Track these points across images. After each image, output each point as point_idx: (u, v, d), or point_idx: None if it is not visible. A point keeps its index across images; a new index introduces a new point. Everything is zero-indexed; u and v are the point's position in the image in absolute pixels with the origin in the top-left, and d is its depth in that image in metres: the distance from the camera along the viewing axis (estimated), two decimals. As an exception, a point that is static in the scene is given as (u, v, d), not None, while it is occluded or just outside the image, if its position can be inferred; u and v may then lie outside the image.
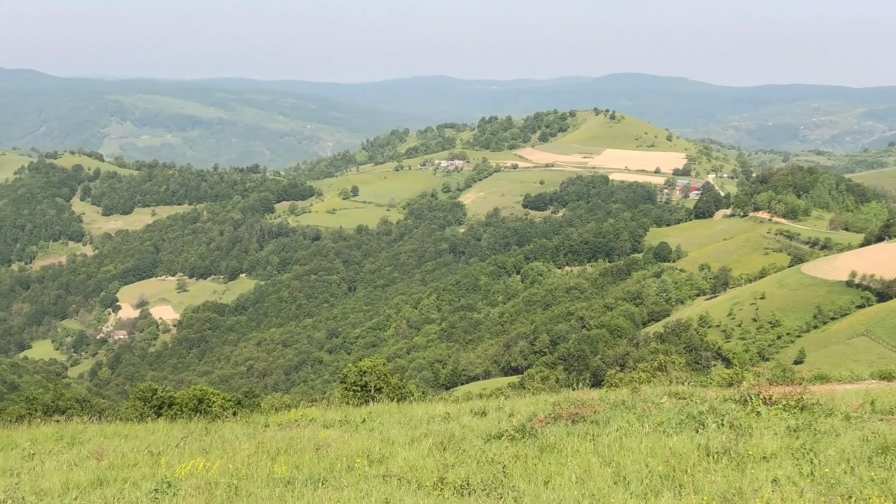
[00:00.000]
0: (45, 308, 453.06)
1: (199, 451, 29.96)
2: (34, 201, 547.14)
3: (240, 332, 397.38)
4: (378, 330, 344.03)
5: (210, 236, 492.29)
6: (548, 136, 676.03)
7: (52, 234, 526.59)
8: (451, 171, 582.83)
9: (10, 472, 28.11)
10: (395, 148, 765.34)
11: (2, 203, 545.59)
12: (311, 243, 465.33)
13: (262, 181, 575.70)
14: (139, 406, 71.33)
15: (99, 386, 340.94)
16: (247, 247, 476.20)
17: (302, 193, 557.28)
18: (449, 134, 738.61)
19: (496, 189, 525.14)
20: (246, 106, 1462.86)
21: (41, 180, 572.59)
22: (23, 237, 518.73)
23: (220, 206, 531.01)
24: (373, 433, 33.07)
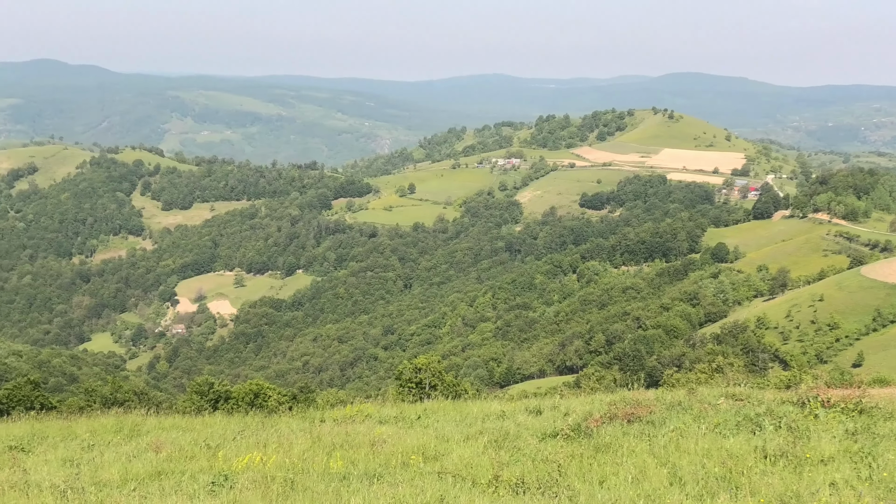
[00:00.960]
0: (105, 301, 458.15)
1: (256, 444, 30.15)
2: (95, 195, 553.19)
3: (296, 327, 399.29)
4: (433, 327, 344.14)
5: (268, 232, 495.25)
6: (605, 135, 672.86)
7: (113, 229, 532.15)
8: (508, 170, 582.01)
9: (70, 462, 28.47)
10: (452, 146, 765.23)
11: (64, 197, 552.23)
12: (367, 240, 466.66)
13: (319, 178, 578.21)
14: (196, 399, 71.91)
15: (156, 379, 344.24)
16: (304, 243, 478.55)
17: (359, 190, 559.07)
18: (506, 132, 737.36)
19: (553, 188, 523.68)
20: (305, 103, 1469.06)
21: (102, 175, 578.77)
22: (84, 231, 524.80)
23: (277, 203, 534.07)
24: (428, 430, 33.07)
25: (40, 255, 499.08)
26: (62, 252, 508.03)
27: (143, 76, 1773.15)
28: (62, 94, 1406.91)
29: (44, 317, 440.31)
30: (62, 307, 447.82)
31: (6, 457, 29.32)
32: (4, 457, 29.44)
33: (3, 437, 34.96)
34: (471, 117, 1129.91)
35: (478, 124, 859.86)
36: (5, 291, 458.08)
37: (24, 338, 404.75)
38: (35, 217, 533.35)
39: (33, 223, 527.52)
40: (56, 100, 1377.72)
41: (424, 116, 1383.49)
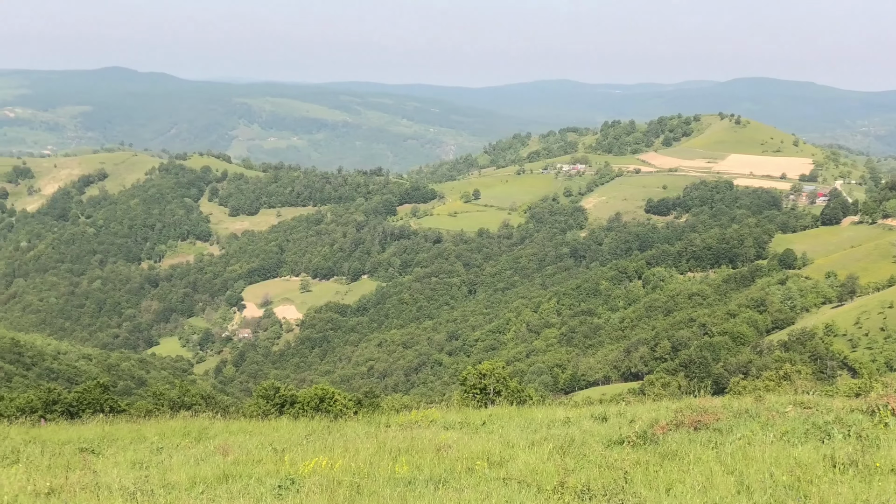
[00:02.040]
0: (173, 306, 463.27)
1: (322, 449, 30.31)
2: (164, 201, 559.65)
3: (361, 332, 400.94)
4: (498, 333, 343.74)
5: (333, 238, 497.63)
6: (671, 140, 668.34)
7: (181, 234, 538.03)
8: (573, 175, 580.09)
9: (139, 464, 28.83)
10: (517, 151, 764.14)
11: (133, 203, 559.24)
12: (432, 246, 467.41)
13: (384, 184, 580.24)
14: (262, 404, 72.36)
15: (223, 383, 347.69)
16: (369, 248, 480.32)
17: (424, 196, 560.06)
18: (571, 138, 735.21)
19: (618, 193, 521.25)
20: (370, 109, 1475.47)
21: (171, 181, 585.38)
22: (153, 236, 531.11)
23: (343, 208, 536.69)
24: (493, 436, 33.07)
25: (110, 260, 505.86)
26: (131, 257, 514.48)
27: (211, 83, 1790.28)
28: (132, 102, 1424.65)
29: (113, 321, 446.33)
30: (131, 311, 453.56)
31: (77, 458, 29.76)
32: (75, 458, 29.89)
33: (74, 439, 35.49)
34: (536, 123, 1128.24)
35: (543, 130, 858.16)
36: (76, 296, 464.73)
37: (93, 342, 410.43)
38: (105, 222, 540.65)
39: (103, 228, 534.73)
40: (126, 107, 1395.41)
41: (489, 122, 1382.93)
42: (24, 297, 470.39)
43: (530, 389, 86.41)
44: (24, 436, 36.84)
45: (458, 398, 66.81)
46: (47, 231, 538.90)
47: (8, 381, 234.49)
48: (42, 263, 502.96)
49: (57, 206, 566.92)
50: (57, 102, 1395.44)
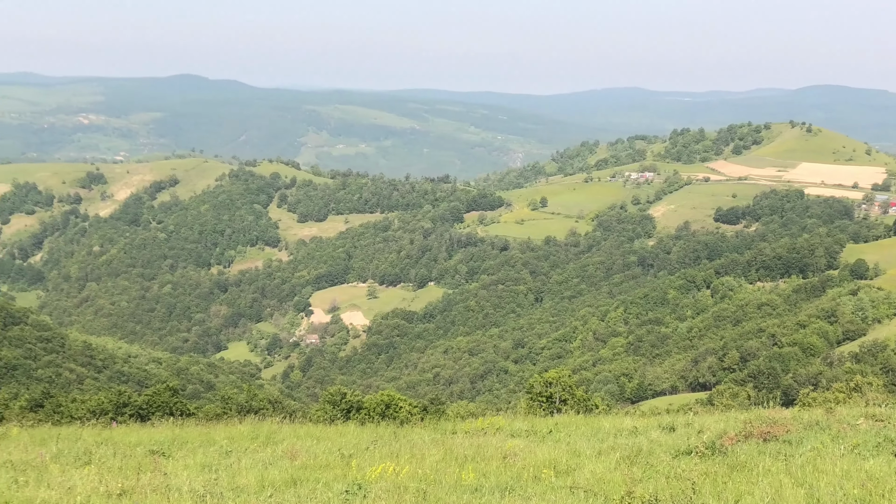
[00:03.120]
0: (242, 311, 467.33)
1: (389, 454, 30.45)
2: (233, 207, 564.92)
3: (427, 339, 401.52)
4: (564, 341, 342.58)
5: (400, 244, 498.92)
6: (741, 148, 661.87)
7: (250, 240, 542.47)
8: (641, 184, 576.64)
9: (208, 467, 29.14)
10: (584, 159, 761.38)
11: (204, 208, 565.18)
12: (498, 253, 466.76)
13: (452, 191, 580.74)
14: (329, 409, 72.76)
15: (290, 388, 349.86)
16: (436, 255, 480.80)
17: (491, 204, 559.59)
18: (639, 146, 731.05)
19: (687, 202, 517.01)
20: (438, 116, 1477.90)
21: (241, 187, 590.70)
22: (222, 242, 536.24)
23: (410, 215, 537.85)
24: (559, 444, 33.01)
25: (180, 265, 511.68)
26: (201, 262, 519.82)
27: (280, 91, 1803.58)
28: (203, 109, 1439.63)
29: (183, 325, 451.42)
30: (200, 316, 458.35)
31: (148, 461, 30.16)
32: (146, 460, 30.29)
33: (144, 442, 35.97)
34: (604, 131, 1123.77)
35: (611, 138, 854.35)
36: (146, 300, 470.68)
37: (163, 345, 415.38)
38: (176, 228, 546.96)
39: (174, 234, 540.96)
40: (197, 114, 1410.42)
41: (557, 130, 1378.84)
42: (96, 301, 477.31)
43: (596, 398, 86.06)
44: (96, 437, 37.40)
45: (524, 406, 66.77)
46: (119, 236, 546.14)
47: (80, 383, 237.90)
48: (114, 268, 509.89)
49: (129, 212, 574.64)
50: (130, 109, 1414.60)
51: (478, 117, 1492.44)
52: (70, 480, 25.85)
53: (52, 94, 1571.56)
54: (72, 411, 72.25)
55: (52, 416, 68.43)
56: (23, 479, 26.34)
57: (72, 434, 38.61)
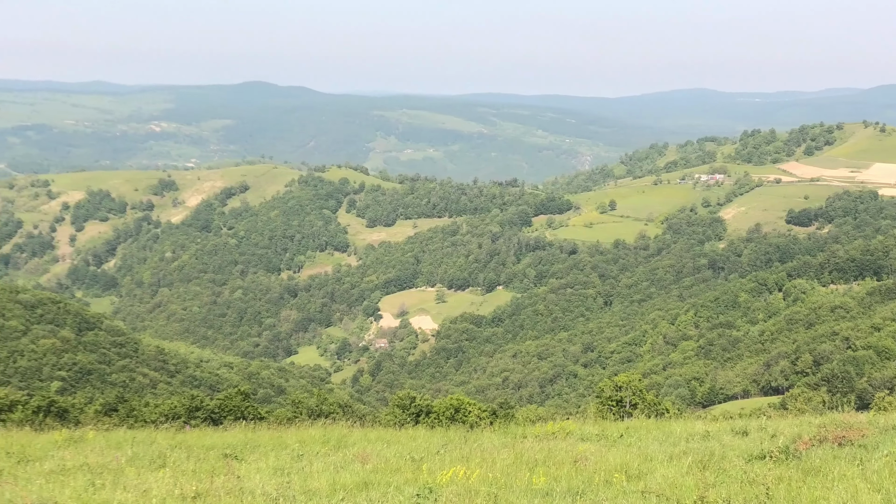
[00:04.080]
0: (312, 315, 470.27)
1: (459, 458, 30.46)
2: (303, 213, 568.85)
3: (496, 343, 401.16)
4: (634, 345, 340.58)
5: (469, 248, 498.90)
6: (813, 149, 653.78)
7: (319, 245, 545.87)
8: (711, 186, 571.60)
9: (281, 471, 29.38)
10: (653, 162, 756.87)
11: (273, 214, 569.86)
12: (567, 257, 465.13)
13: (520, 195, 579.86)
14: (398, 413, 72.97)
15: (360, 392, 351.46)
16: (504, 259, 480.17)
17: (559, 207, 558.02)
18: (709, 147, 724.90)
19: (758, 204, 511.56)
20: (506, 120, 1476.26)
21: (310, 193, 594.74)
22: (292, 247, 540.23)
23: (478, 219, 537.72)
24: (630, 448, 32.83)
25: (251, 271, 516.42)
26: (271, 267, 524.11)
27: (349, 96, 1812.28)
28: (272, 115, 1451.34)
29: (253, 330, 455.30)
30: (271, 321, 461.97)
31: (221, 464, 30.45)
32: (219, 464, 30.59)
33: (217, 445, 36.33)
34: (673, 133, 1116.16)
35: (680, 140, 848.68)
36: (218, 305, 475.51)
37: (235, 350, 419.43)
38: (246, 234, 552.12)
39: (244, 239, 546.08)
40: (266, 120, 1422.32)
41: (626, 132, 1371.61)
42: (168, 307, 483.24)
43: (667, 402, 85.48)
44: (170, 441, 37.85)
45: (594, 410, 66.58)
46: (191, 242, 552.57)
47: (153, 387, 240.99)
48: (186, 273, 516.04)
49: (200, 218, 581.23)
50: (200, 117, 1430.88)
51: (546, 121, 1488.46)
52: (145, 483, 26.21)
53: (125, 103, 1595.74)
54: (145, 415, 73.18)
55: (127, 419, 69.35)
56: (99, 482, 26.75)
57: (146, 437, 39.12)
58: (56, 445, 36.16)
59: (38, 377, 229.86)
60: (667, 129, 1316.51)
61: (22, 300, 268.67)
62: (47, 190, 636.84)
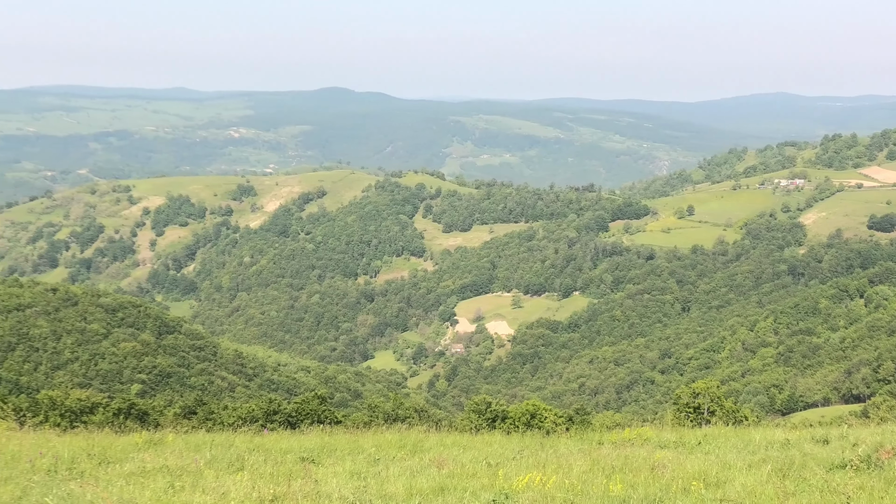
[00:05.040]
0: (388, 320, 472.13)
1: (535, 464, 30.40)
2: (379, 218, 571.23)
3: (572, 349, 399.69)
4: (712, 352, 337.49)
5: (545, 254, 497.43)
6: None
7: (396, 250, 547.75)
8: (791, 191, 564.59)
9: (357, 475, 29.53)
10: (732, 167, 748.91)
11: (350, 219, 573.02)
12: (644, 262, 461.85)
13: (596, 200, 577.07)
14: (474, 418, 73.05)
15: (436, 397, 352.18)
16: (580, 265, 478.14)
17: (636, 212, 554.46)
18: (789, 152, 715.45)
19: (839, 209, 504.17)
20: (583, 125, 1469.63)
21: (386, 198, 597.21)
22: (369, 252, 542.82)
23: (555, 225, 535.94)
24: (708, 456, 32.55)
25: (328, 275, 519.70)
26: (348, 272, 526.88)
27: (425, 102, 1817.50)
28: (350, 121, 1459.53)
29: (330, 334, 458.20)
30: (347, 325, 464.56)
31: (298, 467, 30.68)
32: (297, 467, 30.82)
33: (294, 449, 36.60)
34: (752, 137, 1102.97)
35: (759, 144, 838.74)
36: (295, 310, 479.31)
37: (312, 354, 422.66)
38: (323, 238, 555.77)
39: (322, 244, 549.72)
40: (344, 126, 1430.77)
41: (704, 137, 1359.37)
42: (246, 311, 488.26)
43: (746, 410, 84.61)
44: (248, 444, 38.21)
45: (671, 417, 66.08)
46: (269, 247, 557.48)
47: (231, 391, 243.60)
48: (264, 278, 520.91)
49: (278, 223, 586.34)
50: (279, 122, 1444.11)
51: (623, 125, 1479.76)
52: (224, 486, 26.47)
53: (205, 109, 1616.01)
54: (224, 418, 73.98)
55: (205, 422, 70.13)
56: (179, 484, 27.09)
57: (224, 440, 39.51)
58: (136, 447, 36.66)
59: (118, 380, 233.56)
60: (746, 133, 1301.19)
61: (103, 304, 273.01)
62: (128, 195, 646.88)
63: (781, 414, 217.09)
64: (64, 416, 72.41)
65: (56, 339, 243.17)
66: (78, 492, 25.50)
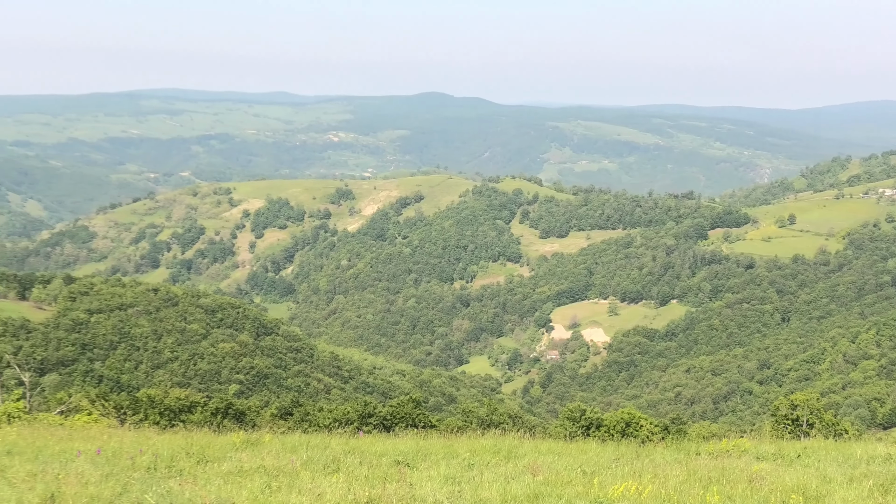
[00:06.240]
0: (483, 325, 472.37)
1: (631, 473, 30.17)
2: (476, 223, 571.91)
3: (669, 357, 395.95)
4: (811, 363, 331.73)
5: (642, 261, 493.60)
6: None
7: (492, 255, 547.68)
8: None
9: (452, 480, 29.56)
10: (835, 175, 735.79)
11: (447, 224, 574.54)
12: (744, 271, 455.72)
13: (696, 207, 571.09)
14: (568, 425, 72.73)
15: (530, 403, 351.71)
16: (678, 273, 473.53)
17: (736, 220, 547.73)
18: (895, 161, 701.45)
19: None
20: (682, 132, 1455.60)
21: (483, 203, 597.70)
22: (465, 257, 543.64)
23: (653, 232, 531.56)
24: (808, 469, 32.02)
25: (424, 280, 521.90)
26: (444, 277, 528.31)
27: (524, 107, 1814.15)
28: (447, 126, 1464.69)
29: (426, 338, 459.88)
30: (443, 330, 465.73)
31: (393, 471, 30.81)
32: (392, 470, 30.95)
33: (390, 452, 36.75)
34: (856, 146, 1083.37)
35: (864, 153, 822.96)
36: (391, 313, 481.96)
37: (407, 358, 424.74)
38: (420, 243, 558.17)
39: (418, 249, 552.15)
40: (441, 131, 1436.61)
41: (807, 145, 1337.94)
42: (343, 314, 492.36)
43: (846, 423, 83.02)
44: (343, 446, 38.45)
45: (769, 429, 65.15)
46: (366, 250, 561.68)
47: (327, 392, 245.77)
48: (360, 281, 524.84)
49: (375, 227, 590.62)
50: (377, 127, 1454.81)
51: (723, 132, 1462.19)
52: (319, 487, 26.69)
53: (305, 113, 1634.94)
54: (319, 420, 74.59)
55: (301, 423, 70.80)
56: (275, 485, 27.39)
57: (320, 442, 39.82)
58: (234, 447, 37.13)
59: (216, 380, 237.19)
60: (850, 141, 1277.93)
61: (203, 304, 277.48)
62: (229, 198, 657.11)
63: (883, 428, 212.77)
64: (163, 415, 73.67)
65: (157, 338, 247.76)
66: (177, 490, 25.94)
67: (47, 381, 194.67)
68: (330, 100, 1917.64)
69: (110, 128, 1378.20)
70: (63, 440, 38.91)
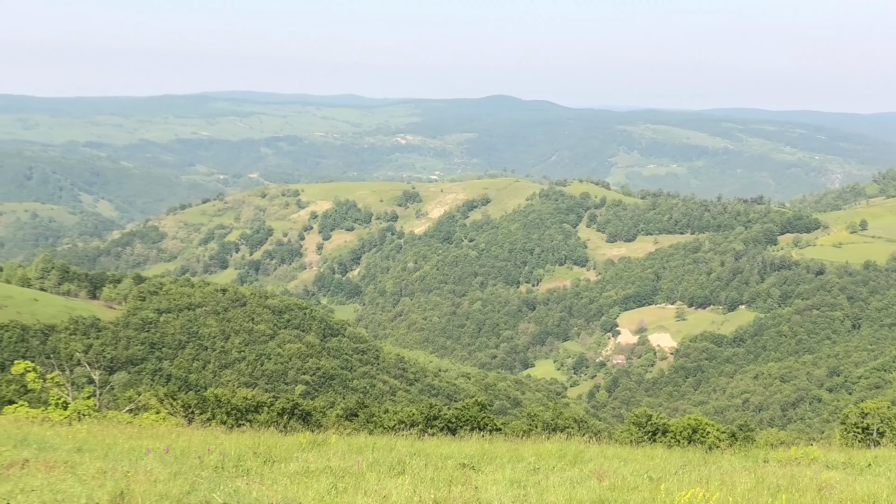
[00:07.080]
0: (549, 329, 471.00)
1: (698, 480, 29.94)
2: (543, 226, 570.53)
3: (736, 364, 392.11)
4: (883, 371, 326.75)
5: (710, 266, 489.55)
6: None
7: (558, 259, 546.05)
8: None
9: (517, 483, 29.52)
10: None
11: (514, 227, 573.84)
12: (814, 277, 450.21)
13: (765, 212, 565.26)
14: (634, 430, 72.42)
15: (595, 408, 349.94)
16: (747, 278, 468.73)
17: (806, 226, 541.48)
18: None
19: None
20: (752, 136, 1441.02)
21: (550, 206, 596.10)
22: (531, 260, 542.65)
23: (721, 237, 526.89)
24: (879, 479, 31.55)
25: (490, 283, 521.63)
26: (510, 280, 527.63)
27: (591, 111, 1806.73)
28: (515, 129, 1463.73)
29: (491, 342, 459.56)
30: (508, 333, 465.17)
31: (458, 473, 30.81)
32: (457, 473, 30.95)
33: (454, 454, 36.78)
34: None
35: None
36: (457, 316, 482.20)
37: (472, 361, 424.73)
38: (486, 246, 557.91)
39: (484, 252, 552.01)
40: (509, 134, 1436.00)
41: (879, 150, 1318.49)
42: (409, 316, 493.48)
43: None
44: (408, 448, 38.54)
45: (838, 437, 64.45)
46: (432, 253, 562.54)
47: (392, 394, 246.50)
48: (426, 284, 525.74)
49: (442, 230, 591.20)
50: (445, 130, 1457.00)
51: (794, 137, 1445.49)
52: (385, 489, 26.76)
53: (373, 116, 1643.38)
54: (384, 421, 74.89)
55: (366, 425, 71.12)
56: (341, 486, 27.51)
57: (386, 444, 39.93)
58: (300, 447, 37.36)
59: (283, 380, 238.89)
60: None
61: (270, 305, 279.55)
62: (297, 199, 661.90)
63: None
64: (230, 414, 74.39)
65: (224, 338, 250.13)
66: (244, 489, 26.15)
67: (116, 380, 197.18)
68: (398, 102, 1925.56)
69: (180, 129, 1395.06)
70: (132, 438, 39.42)
